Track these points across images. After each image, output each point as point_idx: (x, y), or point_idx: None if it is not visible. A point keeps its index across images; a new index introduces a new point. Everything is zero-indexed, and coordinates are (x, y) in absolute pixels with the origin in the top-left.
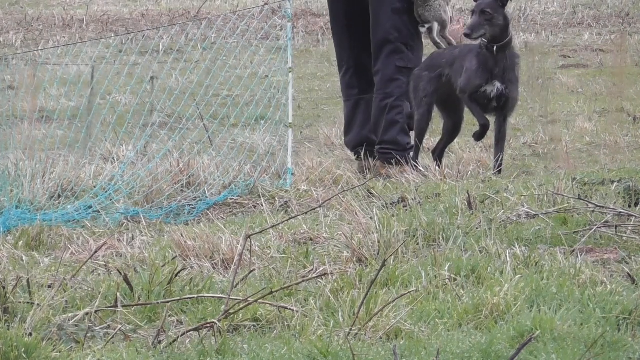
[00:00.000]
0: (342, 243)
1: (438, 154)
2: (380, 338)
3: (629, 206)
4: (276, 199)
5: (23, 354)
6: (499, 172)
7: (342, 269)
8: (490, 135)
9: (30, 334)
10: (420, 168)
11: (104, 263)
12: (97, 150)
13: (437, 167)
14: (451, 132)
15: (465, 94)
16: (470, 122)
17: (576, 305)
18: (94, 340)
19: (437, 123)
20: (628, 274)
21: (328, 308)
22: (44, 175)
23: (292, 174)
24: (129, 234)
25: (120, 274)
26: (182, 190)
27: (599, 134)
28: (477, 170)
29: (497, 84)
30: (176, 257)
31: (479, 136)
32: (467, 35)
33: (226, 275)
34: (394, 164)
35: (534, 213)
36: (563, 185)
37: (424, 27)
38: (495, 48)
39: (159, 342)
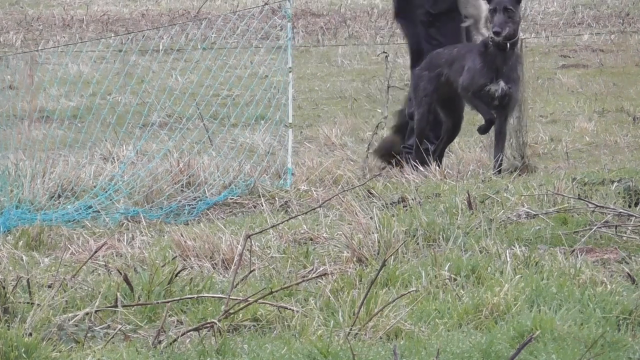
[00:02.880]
0: (342, 243)
1: (438, 154)
2: (380, 338)
3: (629, 206)
4: (276, 199)
5: (23, 354)
6: (499, 172)
7: (342, 269)
8: (490, 134)
9: (30, 334)
10: (421, 168)
11: (104, 263)
12: (97, 150)
13: (437, 167)
14: (451, 132)
15: (468, 92)
16: (470, 121)
17: (576, 305)
18: (94, 340)
19: None
20: (628, 274)
21: (328, 308)
22: (44, 175)
23: (292, 174)
24: (129, 234)
25: (120, 274)
26: (182, 190)
27: (599, 134)
28: (477, 170)
29: (502, 84)
30: (176, 257)
31: (484, 130)
32: (497, 34)
33: (226, 275)
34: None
35: (534, 213)
36: (563, 185)
37: (464, 22)
38: (508, 45)
39: (159, 342)
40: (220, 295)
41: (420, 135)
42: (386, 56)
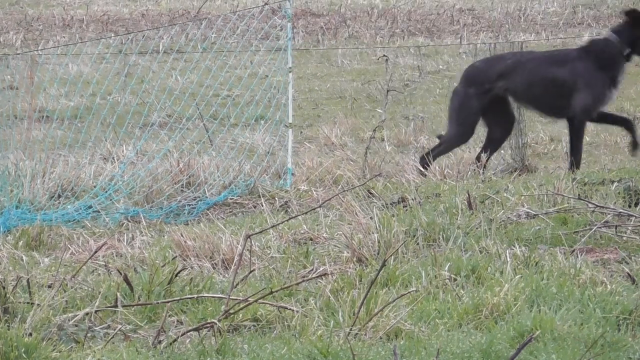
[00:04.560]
0: (342, 243)
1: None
2: (380, 338)
3: (629, 206)
4: (276, 199)
5: (23, 354)
6: (573, 168)
7: (342, 269)
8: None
9: (30, 334)
10: (427, 173)
11: (104, 263)
12: (97, 150)
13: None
14: (499, 141)
15: (592, 112)
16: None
17: (576, 305)
18: (94, 340)
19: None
20: (628, 274)
21: (328, 308)
22: (44, 175)
23: (292, 174)
24: (129, 234)
25: (120, 274)
26: (182, 190)
27: (599, 134)
28: (477, 170)
29: (614, 90)
30: (176, 257)
31: (637, 142)
32: None
33: (226, 275)
34: None
35: (534, 213)
36: (563, 185)
37: None
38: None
39: (159, 342)
40: (220, 295)
41: (449, 150)
42: (386, 59)
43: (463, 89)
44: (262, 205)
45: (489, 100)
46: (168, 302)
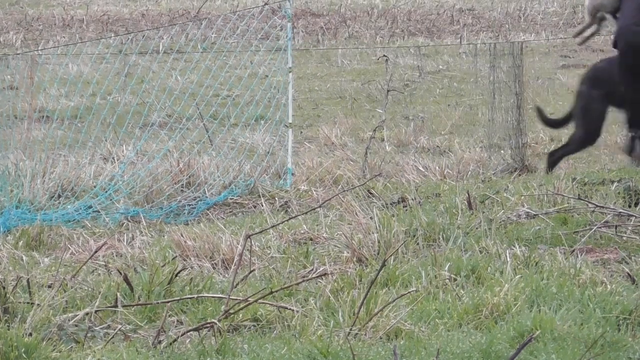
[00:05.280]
0: (342, 243)
1: (554, 159)
2: (380, 338)
3: (629, 206)
4: (276, 199)
5: (23, 354)
6: None
7: (342, 269)
8: (489, 135)
9: (30, 334)
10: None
11: (104, 263)
12: (97, 150)
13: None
14: (581, 143)
15: None
16: (469, 121)
17: (576, 305)
18: (94, 340)
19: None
20: (628, 274)
21: (328, 308)
22: (44, 175)
23: (292, 174)
24: (129, 234)
25: (120, 274)
26: (182, 190)
27: None
28: (477, 170)
29: None
30: (176, 257)
31: None
32: None
33: (226, 275)
34: None
35: (534, 213)
36: (563, 185)
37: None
38: None
39: (159, 342)
40: (220, 295)
41: (578, 151)
42: (386, 59)
43: (587, 91)
44: (262, 205)
45: (610, 103)
46: (168, 302)
